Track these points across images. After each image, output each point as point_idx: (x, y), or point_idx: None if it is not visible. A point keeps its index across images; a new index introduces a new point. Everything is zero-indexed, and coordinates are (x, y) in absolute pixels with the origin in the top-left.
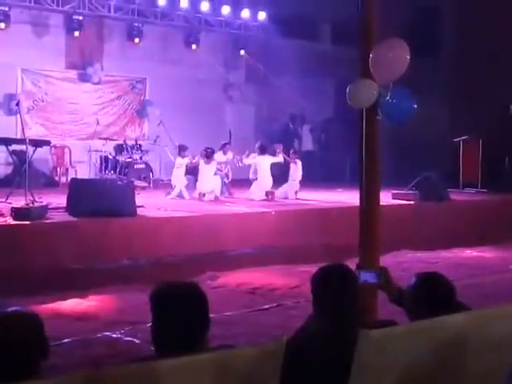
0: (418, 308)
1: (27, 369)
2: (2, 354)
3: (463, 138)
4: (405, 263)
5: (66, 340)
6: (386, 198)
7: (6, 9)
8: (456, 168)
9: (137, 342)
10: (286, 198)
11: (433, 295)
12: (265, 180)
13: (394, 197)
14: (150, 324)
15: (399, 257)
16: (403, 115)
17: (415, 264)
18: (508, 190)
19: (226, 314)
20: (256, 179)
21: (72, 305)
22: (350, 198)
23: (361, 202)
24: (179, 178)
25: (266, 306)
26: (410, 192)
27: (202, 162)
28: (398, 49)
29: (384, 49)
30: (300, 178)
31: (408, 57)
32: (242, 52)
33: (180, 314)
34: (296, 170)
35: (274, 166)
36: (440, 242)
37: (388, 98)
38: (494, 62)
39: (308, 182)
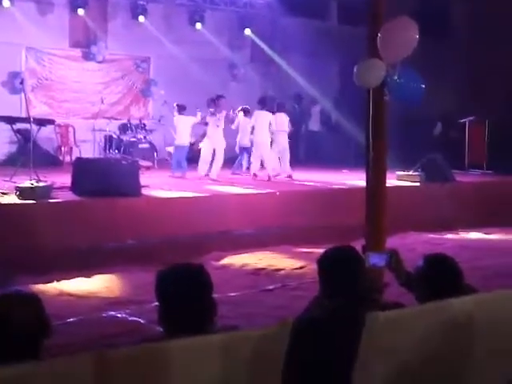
0: (426, 290)
1: (27, 348)
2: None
3: (469, 118)
4: (411, 245)
5: (70, 319)
6: (390, 179)
7: None
8: (462, 149)
9: (142, 321)
10: None
11: (440, 277)
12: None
13: (399, 178)
14: (156, 305)
15: (405, 238)
16: (411, 95)
17: (421, 246)
18: None
19: (231, 294)
20: None
21: (77, 284)
22: (355, 178)
23: (367, 184)
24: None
25: (271, 287)
26: (415, 173)
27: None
28: (407, 28)
29: (392, 28)
30: None
31: (417, 36)
32: (248, 31)
33: (184, 297)
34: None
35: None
36: (446, 223)
37: (396, 77)
38: (503, 41)
39: (313, 162)
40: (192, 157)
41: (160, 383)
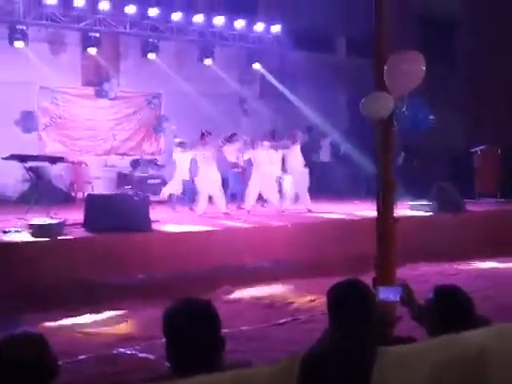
0: (437, 323)
1: None
2: (6, 377)
3: (480, 147)
4: (423, 276)
5: (80, 357)
6: (402, 209)
7: (24, 28)
8: (473, 178)
9: (152, 358)
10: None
11: (451, 310)
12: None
13: (412, 208)
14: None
15: (417, 269)
16: (419, 127)
17: (433, 276)
18: None
19: (242, 328)
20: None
21: (87, 321)
22: (367, 209)
23: (378, 216)
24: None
25: (282, 321)
26: (427, 203)
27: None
28: (414, 60)
29: (399, 61)
30: None
31: (423, 68)
32: (257, 65)
33: (192, 333)
34: None
35: None
36: (458, 253)
37: (404, 109)
38: (509, 68)
39: (324, 193)
40: None
41: None
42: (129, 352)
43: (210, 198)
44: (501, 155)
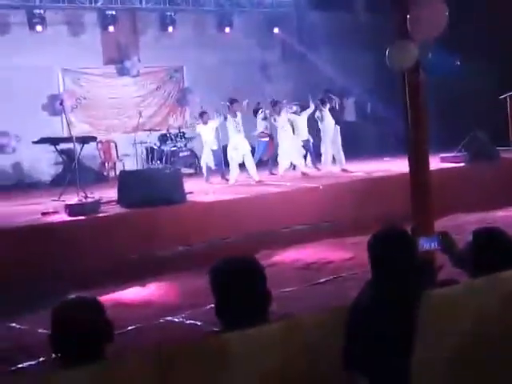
0: (478, 266)
1: (91, 351)
2: (66, 338)
3: (510, 94)
4: (461, 226)
5: (129, 328)
6: (434, 161)
7: (41, 11)
8: (505, 125)
9: (199, 324)
10: None
11: (491, 249)
12: None
13: (443, 160)
14: (211, 307)
15: (455, 220)
16: (447, 72)
17: (471, 226)
18: None
19: (283, 290)
20: None
21: (132, 294)
22: (398, 165)
23: (410, 169)
24: None
25: (322, 280)
26: (459, 154)
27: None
28: (437, 6)
29: (422, 8)
30: None
31: (447, 13)
32: (276, 30)
33: (240, 287)
34: None
35: None
36: (494, 202)
37: (429, 56)
38: None
39: (353, 153)
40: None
41: (221, 375)
42: (176, 320)
43: (241, 166)
44: None
